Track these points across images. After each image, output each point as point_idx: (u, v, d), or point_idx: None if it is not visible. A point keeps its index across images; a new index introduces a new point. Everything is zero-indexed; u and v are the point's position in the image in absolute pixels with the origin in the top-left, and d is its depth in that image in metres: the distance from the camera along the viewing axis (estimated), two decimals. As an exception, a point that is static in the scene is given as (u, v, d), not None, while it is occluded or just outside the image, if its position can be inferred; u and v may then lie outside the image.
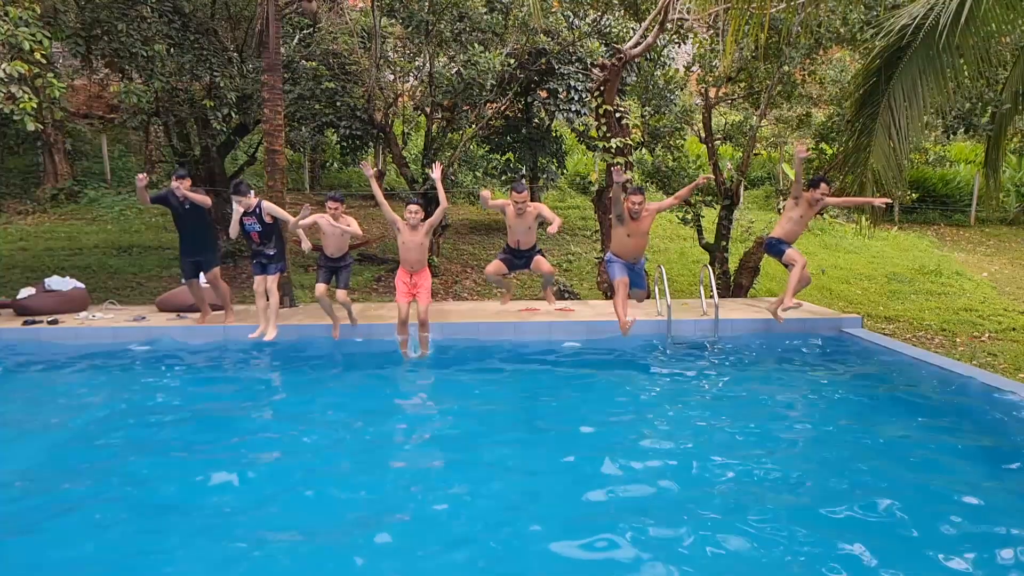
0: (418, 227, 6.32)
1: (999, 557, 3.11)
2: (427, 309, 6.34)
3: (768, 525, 3.38)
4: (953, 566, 3.01)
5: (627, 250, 6.57)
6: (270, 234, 6.73)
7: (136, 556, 3.18)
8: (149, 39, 8.56)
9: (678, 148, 10.64)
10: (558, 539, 3.26)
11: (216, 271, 7.00)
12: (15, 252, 11.50)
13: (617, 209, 6.45)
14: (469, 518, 3.49)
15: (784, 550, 3.16)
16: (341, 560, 3.13)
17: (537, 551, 3.19)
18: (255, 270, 6.82)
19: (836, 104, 9.58)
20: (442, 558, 3.15)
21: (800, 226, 6.92)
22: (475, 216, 15.44)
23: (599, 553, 3.15)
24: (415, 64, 10.96)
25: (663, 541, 3.27)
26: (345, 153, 12.39)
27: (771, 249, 7.02)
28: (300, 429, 4.77)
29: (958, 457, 4.28)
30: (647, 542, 3.26)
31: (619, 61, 8.90)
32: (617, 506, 3.63)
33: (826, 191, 6.71)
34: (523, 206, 6.35)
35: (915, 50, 6.13)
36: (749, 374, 6.13)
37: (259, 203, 6.67)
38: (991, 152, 8.66)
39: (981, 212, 16.39)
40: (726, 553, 3.13)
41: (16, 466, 4.17)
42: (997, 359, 7.95)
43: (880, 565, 3.01)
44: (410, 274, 6.40)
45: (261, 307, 6.76)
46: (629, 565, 3.07)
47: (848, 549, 3.12)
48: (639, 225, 6.51)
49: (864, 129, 6.94)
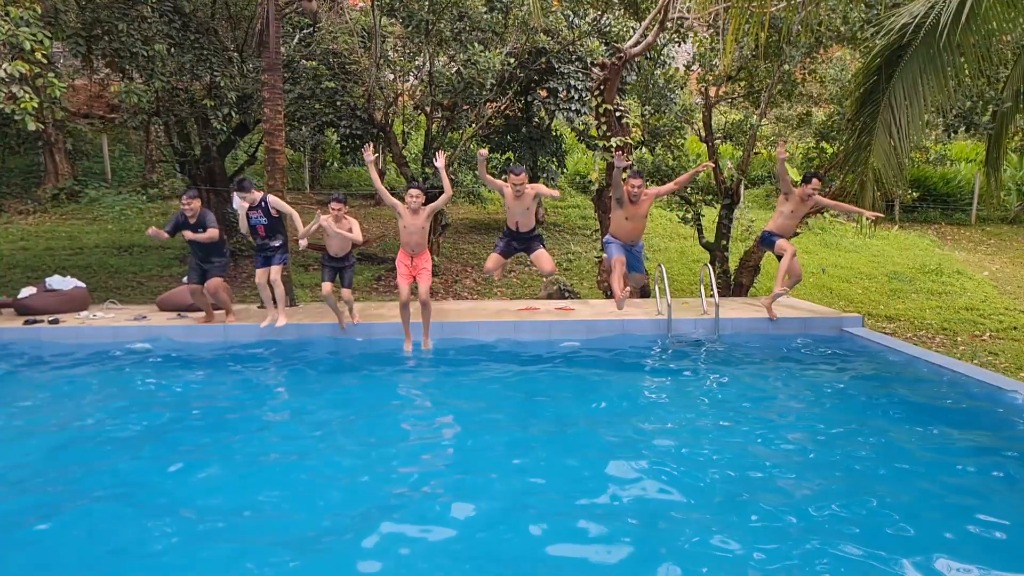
0: (419, 211, 6.44)
1: (997, 554, 3.11)
2: (427, 289, 6.51)
3: (768, 524, 3.38)
4: (953, 565, 3.00)
5: (625, 232, 6.83)
6: (275, 228, 6.94)
7: (134, 557, 3.18)
8: (149, 39, 8.57)
9: (678, 147, 10.63)
10: (558, 540, 3.26)
11: (219, 282, 6.97)
12: (16, 251, 11.52)
13: (617, 192, 6.63)
14: (468, 518, 3.49)
15: (784, 550, 3.16)
16: (340, 560, 3.13)
17: (537, 552, 3.19)
18: (258, 263, 6.96)
19: (836, 103, 9.56)
20: (441, 558, 3.15)
21: (793, 220, 7.17)
22: (475, 215, 15.44)
23: (599, 555, 3.15)
24: (415, 63, 10.95)
25: (663, 541, 3.28)
26: (345, 153, 12.40)
27: (764, 241, 7.45)
28: (299, 429, 4.78)
29: (960, 456, 4.27)
30: (647, 542, 3.26)
31: (619, 60, 8.90)
32: (617, 506, 3.63)
33: (817, 186, 7.00)
34: (521, 188, 6.39)
35: (916, 49, 6.12)
36: (750, 373, 6.12)
37: (264, 197, 6.86)
38: (992, 151, 8.65)
39: (982, 211, 16.38)
40: (727, 553, 3.13)
41: (11, 461, 4.18)
42: (998, 358, 7.95)
43: (878, 565, 3.01)
44: (411, 256, 6.55)
45: (267, 297, 6.94)
46: (630, 565, 3.07)
47: (847, 549, 3.12)
48: (638, 209, 6.71)
49: (865, 128, 6.93)
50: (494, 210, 16.07)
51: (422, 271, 6.51)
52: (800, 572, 3.00)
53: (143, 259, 11.56)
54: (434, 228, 11.33)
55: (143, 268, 11.12)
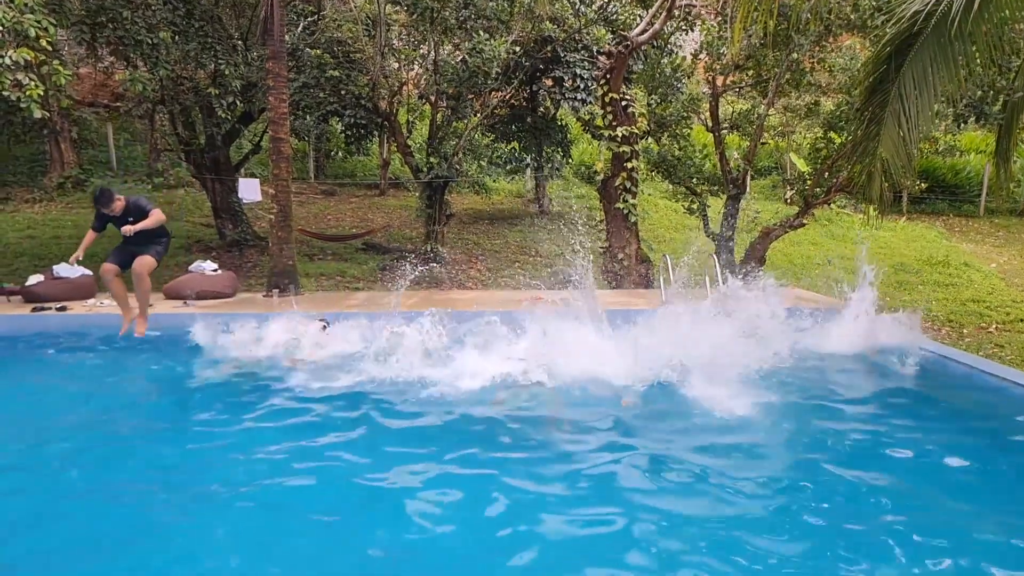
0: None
1: (993, 549, 3.11)
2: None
3: (768, 520, 3.39)
4: (951, 557, 3.00)
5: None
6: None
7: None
8: (154, 27, 8.54)
9: (684, 137, 10.58)
10: (558, 542, 3.22)
11: (150, 262, 6.10)
12: (23, 240, 11.56)
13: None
14: (469, 519, 3.45)
15: (784, 547, 3.16)
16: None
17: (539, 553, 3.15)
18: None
19: (845, 92, 9.48)
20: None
21: None
22: (480, 205, 15.41)
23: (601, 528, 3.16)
24: (420, 52, 10.90)
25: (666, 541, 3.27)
26: (350, 142, 12.37)
27: None
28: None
29: (963, 447, 4.26)
30: (646, 542, 3.25)
31: (625, 49, 8.83)
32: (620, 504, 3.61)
33: None
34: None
35: (926, 37, 6.03)
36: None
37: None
38: (1002, 141, 8.54)
39: (991, 202, 16.25)
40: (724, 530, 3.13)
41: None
42: (1004, 350, 7.91)
43: (879, 553, 3.01)
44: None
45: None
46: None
47: (841, 537, 3.13)
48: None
49: (873, 117, 6.85)
50: (499, 200, 16.04)
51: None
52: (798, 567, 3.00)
53: (149, 248, 11.58)
54: (439, 218, 11.32)
55: (149, 257, 11.14)
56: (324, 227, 13.33)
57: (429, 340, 5.73)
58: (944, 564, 2.92)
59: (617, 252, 9.38)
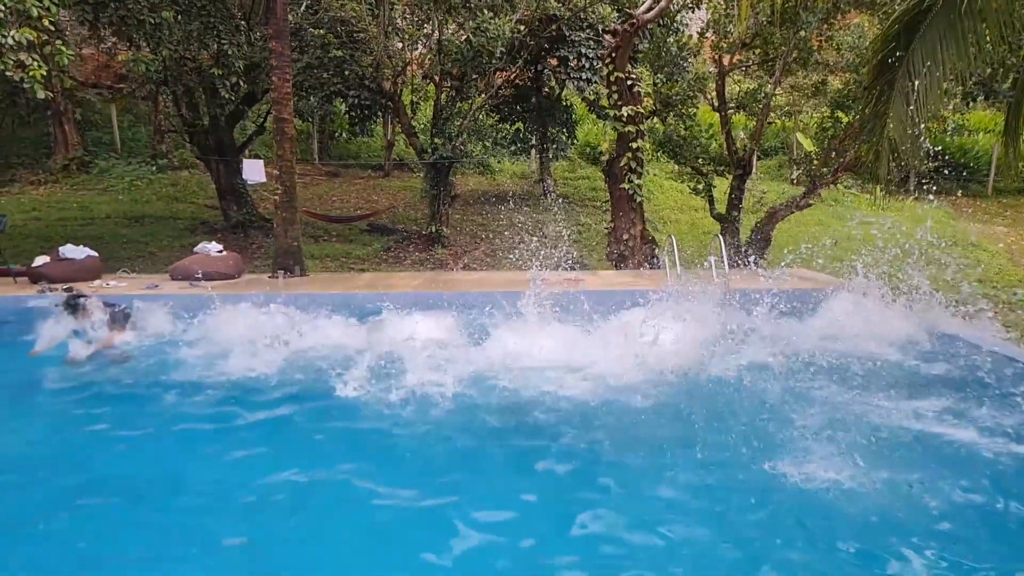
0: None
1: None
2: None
3: (771, 514, 3.42)
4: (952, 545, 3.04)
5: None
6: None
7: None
8: (156, 6, 8.47)
9: (690, 117, 10.50)
10: (560, 543, 3.24)
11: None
12: (29, 221, 11.61)
13: None
14: (467, 519, 3.46)
15: (785, 543, 3.20)
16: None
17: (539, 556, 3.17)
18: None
19: (853, 71, 9.37)
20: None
21: None
22: (485, 186, 15.37)
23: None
24: (424, 31, 10.80)
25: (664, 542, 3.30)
26: (354, 123, 12.31)
27: None
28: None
29: (973, 429, 4.28)
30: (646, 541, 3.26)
31: (631, 27, 8.73)
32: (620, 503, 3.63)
33: None
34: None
35: (936, 14, 5.96)
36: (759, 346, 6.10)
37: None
38: (1011, 120, 8.45)
39: (999, 182, 16.11)
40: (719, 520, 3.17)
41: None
42: (1011, 331, 7.90)
43: (880, 541, 3.04)
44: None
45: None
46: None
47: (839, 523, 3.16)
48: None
49: (881, 96, 6.80)
50: (503, 180, 15.98)
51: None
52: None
53: (154, 229, 11.62)
54: (443, 199, 11.30)
55: (154, 238, 11.19)
56: (328, 208, 13.33)
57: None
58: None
59: (622, 233, 9.36)
